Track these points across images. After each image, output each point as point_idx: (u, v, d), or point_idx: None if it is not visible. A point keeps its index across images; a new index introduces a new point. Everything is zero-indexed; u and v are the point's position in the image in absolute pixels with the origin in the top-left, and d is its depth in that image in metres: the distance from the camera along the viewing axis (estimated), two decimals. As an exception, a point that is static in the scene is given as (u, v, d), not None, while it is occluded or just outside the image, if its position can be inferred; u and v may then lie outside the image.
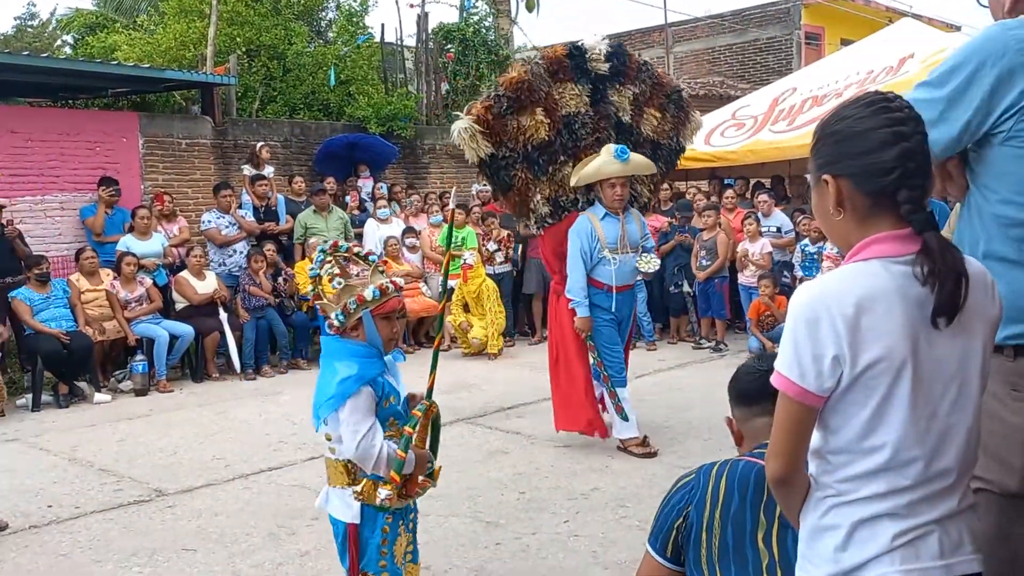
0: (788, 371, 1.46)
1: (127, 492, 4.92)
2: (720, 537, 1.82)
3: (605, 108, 5.46)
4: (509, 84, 5.14)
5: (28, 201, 8.53)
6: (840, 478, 1.48)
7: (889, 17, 16.74)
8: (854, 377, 1.43)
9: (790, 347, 1.46)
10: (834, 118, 1.54)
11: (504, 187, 5.33)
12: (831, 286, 1.46)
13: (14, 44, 20.15)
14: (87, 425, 6.61)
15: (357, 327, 2.62)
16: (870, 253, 1.48)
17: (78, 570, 3.86)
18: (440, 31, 13.02)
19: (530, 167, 5.31)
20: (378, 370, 2.60)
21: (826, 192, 1.52)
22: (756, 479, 1.84)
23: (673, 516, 1.91)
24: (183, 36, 12.14)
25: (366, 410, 2.54)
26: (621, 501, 4.49)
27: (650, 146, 5.75)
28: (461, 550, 3.92)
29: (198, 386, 8.04)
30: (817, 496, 1.52)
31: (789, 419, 1.48)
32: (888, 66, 9.11)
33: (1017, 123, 1.82)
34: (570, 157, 5.40)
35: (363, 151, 11.16)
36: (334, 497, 2.67)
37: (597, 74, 5.39)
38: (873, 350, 1.42)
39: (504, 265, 9.73)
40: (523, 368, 8.37)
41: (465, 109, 5.25)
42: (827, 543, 1.49)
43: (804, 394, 1.45)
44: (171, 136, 9.74)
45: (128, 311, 7.94)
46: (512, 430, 6.01)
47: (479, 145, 5.08)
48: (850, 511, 1.47)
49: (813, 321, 1.43)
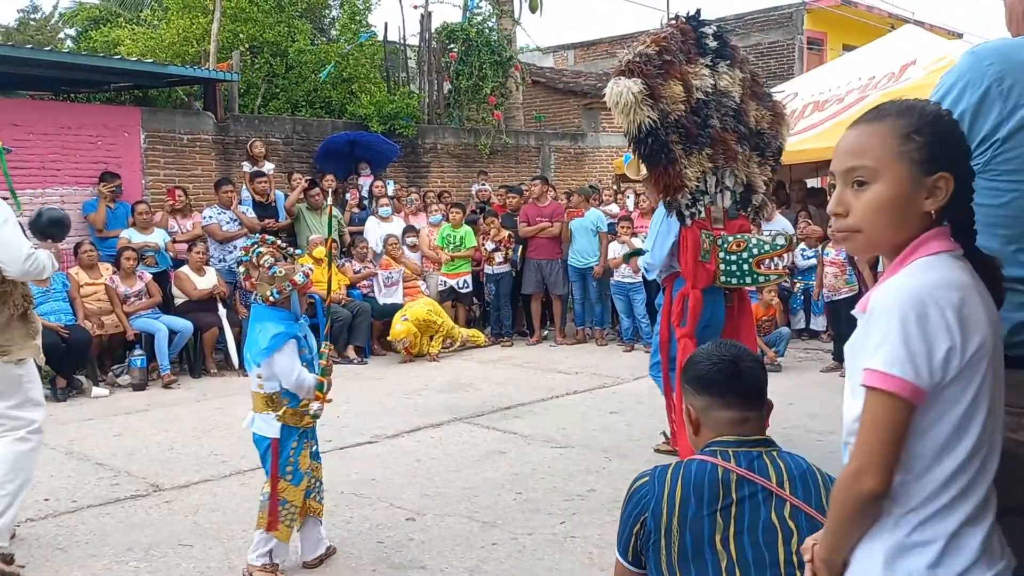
0: (901, 370, 1.36)
1: (124, 487, 4.93)
2: (679, 542, 1.83)
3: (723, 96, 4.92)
4: (657, 40, 4.52)
5: (29, 194, 8.51)
6: (925, 486, 1.41)
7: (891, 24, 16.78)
8: (959, 370, 1.38)
9: (899, 344, 1.36)
10: (934, 113, 1.49)
11: (667, 161, 4.58)
12: (929, 278, 1.40)
13: (17, 37, 20.13)
14: (85, 419, 6.61)
15: (285, 300, 3.67)
16: (936, 247, 1.45)
17: (74, 564, 3.86)
18: (443, 31, 13.02)
19: (681, 141, 4.62)
20: (298, 329, 3.66)
21: (927, 188, 1.45)
22: (710, 481, 1.86)
23: (631, 522, 1.92)
24: (186, 31, 12.16)
25: (294, 355, 3.59)
26: (618, 502, 4.44)
27: (754, 138, 5.19)
28: (457, 550, 3.93)
29: (196, 381, 8.04)
30: (896, 512, 1.42)
31: (895, 424, 1.38)
32: (890, 72, 9.11)
33: (993, 155, 1.80)
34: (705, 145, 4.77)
35: (364, 149, 11.17)
36: (259, 420, 3.63)
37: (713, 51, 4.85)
38: (975, 339, 1.39)
39: (503, 265, 9.74)
40: (521, 368, 8.38)
41: (616, 71, 4.46)
42: (917, 561, 1.40)
43: (918, 393, 1.37)
44: (173, 131, 9.74)
45: (127, 306, 7.94)
46: (509, 430, 6.01)
47: (644, 110, 4.36)
48: (941, 524, 1.40)
49: (922, 314, 1.36)
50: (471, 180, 12.62)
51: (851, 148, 1.51)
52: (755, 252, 4.91)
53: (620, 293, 9.26)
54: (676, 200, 4.73)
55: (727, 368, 1.97)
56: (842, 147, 1.53)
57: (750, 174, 5.16)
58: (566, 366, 8.41)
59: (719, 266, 4.90)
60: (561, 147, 14.46)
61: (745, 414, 1.96)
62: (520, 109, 15.04)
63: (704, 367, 2.00)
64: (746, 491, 1.85)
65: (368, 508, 4.48)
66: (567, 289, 9.79)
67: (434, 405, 6.84)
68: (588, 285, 9.57)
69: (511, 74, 13.39)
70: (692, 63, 4.72)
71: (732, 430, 1.95)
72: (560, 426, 6.08)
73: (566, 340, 9.75)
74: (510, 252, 9.76)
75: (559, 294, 9.79)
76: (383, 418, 6.41)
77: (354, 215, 10.30)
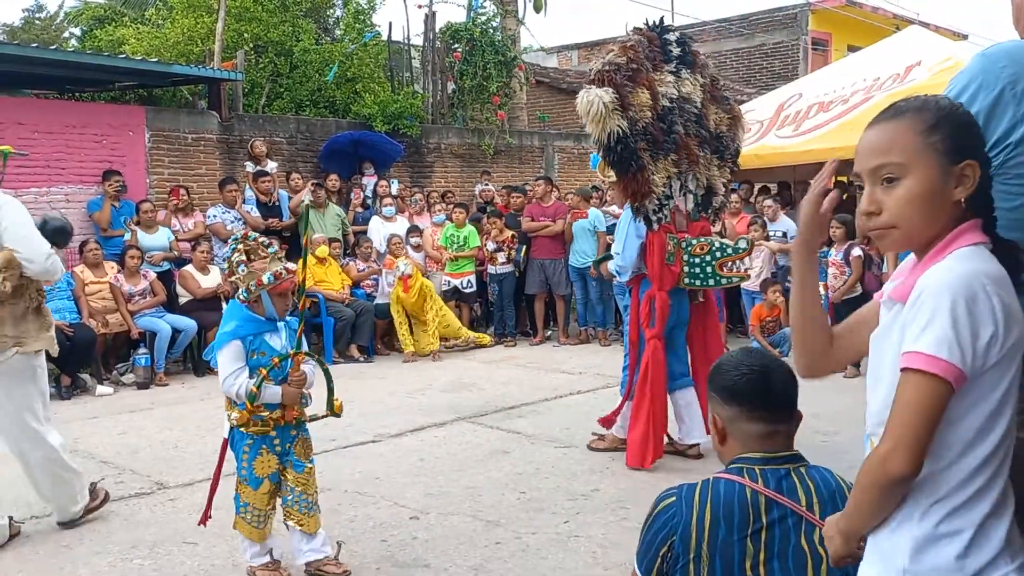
0: (949, 353, 1.35)
1: (129, 484, 4.94)
2: (709, 568, 1.80)
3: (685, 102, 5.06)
4: (625, 49, 4.69)
5: (34, 193, 8.55)
6: (952, 476, 1.41)
7: (896, 24, 16.77)
8: (999, 358, 1.39)
9: (947, 327, 1.36)
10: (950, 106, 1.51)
11: (636, 168, 4.75)
12: (976, 265, 1.41)
13: (22, 36, 20.18)
14: (89, 417, 6.62)
15: (258, 300, 3.44)
16: (971, 239, 1.46)
17: (79, 561, 3.87)
18: (447, 30, 13.03)
19: (649, 147, 4.79)
20: (251, 331, 3.43)
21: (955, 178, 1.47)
22: (740, 503, 1.81)
23: (657, 544, 1.86)
24: (191, 31, 12.19)
25: (234, 357, 3.38)
26: (622, 503, 4.50)
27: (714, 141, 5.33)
28: (461, 549, 3.93)
29: (200, 380, 8.05)
30: (924, 503, 1.43)
31: (934, 408, 1.37)
32: (895, 73, 9.11)
33: (1006, 158, 1.79)
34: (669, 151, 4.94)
35: (368, 149, 11.18)
36: (224, 419, 3.51)
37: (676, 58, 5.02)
38: (1016, 329, 1.40)
39: (506, 266, 9.74)
40: (525, 368, 8.38)
41: (587, 80, 4.67)
42: (946, 552, 1.40)
43: (960, 377, 1.36)
44: (177, 130, 9.76)
45: (131, 304, 7.96)
46: (513, 430, 6.02)
47: (615, 120, 4.54)
48: (969, 514, 1.40)
49: (972, 299, 1.37)
50: (475, 180, 12.62)
51: (875, 146, 1.51)
52: (718, 255, 5.13)
53: (622, 294, 9.23)
54: (644, 206, 4.89)
55: (758, 379, 1.90)
56: (865, 146, 1.53)
57: (711, 177, 5.35)
58: (569, 366, 8.41)
59: (683, 268, 5.09)
60: (565, 147, 14.46)
61: (774, 427, 1.90)
62: (524, 109, 15.05)
63: (733, 376, 1.92)
64: (776, 514, 1.81)
65: (372, 507, 4.48)
66: (570, 289, 9.79)
67: (438, 404, 6.84)
68: (589, 285, 9.57)
69: (515, 74, 13.40)
70: (658, 70, 4.92)
71: (759, 444, 1.89)
72: (564, 426, 6.09)
73: (569, 340, 9.75)
74: (513, 252, 9.76)
75: (562, 294, 9.79)
76: (387, 417, 6.42)
77: (358, 215, 10.31)
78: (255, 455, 3.48)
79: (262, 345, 3.46)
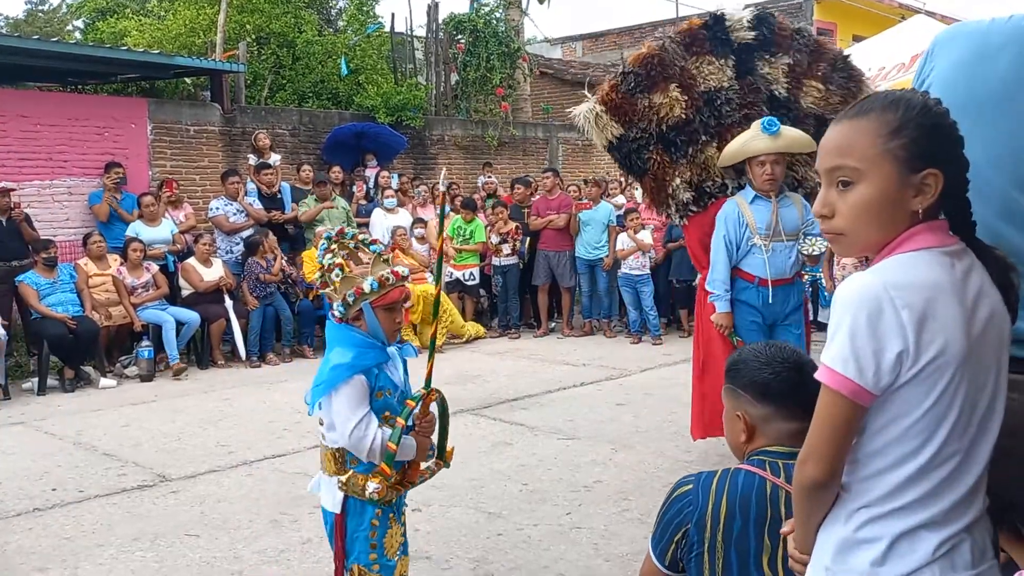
0: (844, 367, 1.34)
1: (131, 477, 4.94)
2: (724, 559, 1.77)
3: (754, 81, 4.90)
4: (637, 59, 4.71)
5: (36, 185, 8.55)
6: (880, 484, 1.39)
7: (902, 14, 16.66)
8: (914, 374, 1.33)
9: (846, 341, 1.34)
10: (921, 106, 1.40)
11: (638, 171, 4.88)
12: (893, 276, 1.34)
13: (24, 28, 20.16)
14: (92, 410, 6.63)
15: (359, 317, 2.57)
16: (921, 243, 1.38)
17: (81, 553, 3.87)
18: (450, 22, 12.98)
19: (666, 149, 4.81)
20: (374, 360, 2.54)
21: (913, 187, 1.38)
22: (758, 496, 1.78)
23: (672, 530, 1.84)
24: (193, 23, 12.17)
25: (359, 399, 2.48)
26: (624, 494, 4.49)
27: (814, 121, 4.98)
28: (463, 540, 3.92)
29: (203, 373, 8.06)
30: (850, 507, 1.42)
31: (839, 419, 1.36)
32: (900, 63, 9.03)
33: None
34: (713, 137, 4.86)
35: (371, 140, 11.15)
36: (324, 485, 2.60)
37: (741, 44, 4.88)
38: (936, 344, 1.33)
39: (511, 257, 9.72)
40: (528, 360, 8.37)
41: (593, 91, 4.83)
42: (862, 557, 1.39)
43: (860, 392, 1.34)
44: (179, 122, 9.74)
45: (135, 297, 7.96)
46: (516, 422, 6.01)
47: (607, 126, 4.68)
48: (891, 523, 1.38)
49: (875, 313, 1.32)
50: (478, 172, 12.60)
51: (835, 146, 1.43)
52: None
53: (628, 285, 9.23)
54: (667, 203, 4.96)
55: (792, 376, 1.83)
56: (826, 145, 1.45)
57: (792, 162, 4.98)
58: (573, 358, 8.39)
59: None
60: (569, 139, 14.41)
61: (807, 424, 1.89)
62: (528, 101, 15.00)
63: (765, 374, 1.84)
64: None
65: (374, 499, 4.47)
66: (575, 281, 9.77)
67: (441, 396, 6.82)
68: (596, 277, 9.55)
69: (519, 65, 13.35)
70: (699, 62, 4.85)
71: (790, 440, 1.82)
72: (567, 418, 6.07)
73: (573, 332, 9.74)
74: (517, 244, 9.74)
75: (567, 286, 9.77)
76: (389, 409, 6.40)
77: (361, 207, 10.28)
78: (385, 530, 2.57)
79: (386, 382, 2.60)
